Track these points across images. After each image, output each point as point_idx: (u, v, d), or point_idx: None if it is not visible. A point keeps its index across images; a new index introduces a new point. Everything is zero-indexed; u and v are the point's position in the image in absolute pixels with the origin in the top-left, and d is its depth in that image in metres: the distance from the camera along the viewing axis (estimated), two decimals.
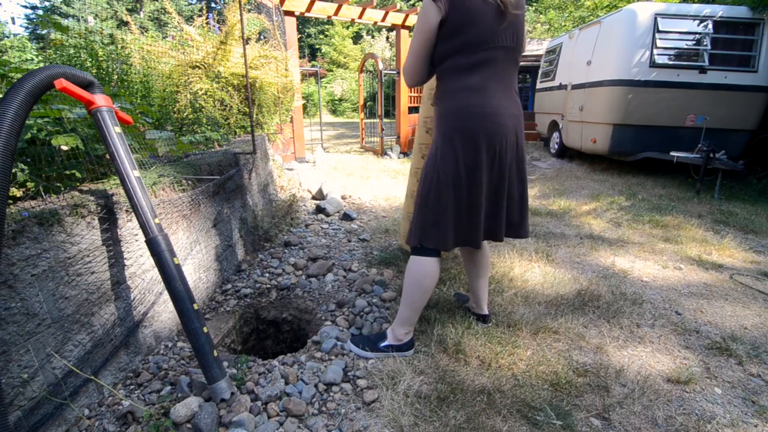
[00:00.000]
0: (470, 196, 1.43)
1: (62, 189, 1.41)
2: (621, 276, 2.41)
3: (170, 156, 2.05)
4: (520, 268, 2.43)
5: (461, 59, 1.36)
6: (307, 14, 5.63)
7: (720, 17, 4.80)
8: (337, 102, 20.24)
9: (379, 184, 4.65)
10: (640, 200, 4.14)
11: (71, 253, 1.29)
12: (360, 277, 2.27)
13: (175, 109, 3.40)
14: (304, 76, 17.13)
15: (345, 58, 22.07)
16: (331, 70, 20.09)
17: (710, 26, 4.79)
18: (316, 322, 1.93)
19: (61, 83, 1.17)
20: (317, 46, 24.59)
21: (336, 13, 5.97)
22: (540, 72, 7.85)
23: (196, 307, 1.33)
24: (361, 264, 2.47)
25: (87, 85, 1.31)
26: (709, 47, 4.80)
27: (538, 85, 7.83)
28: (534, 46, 14.95)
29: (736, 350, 1.74)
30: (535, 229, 3.24)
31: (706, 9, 4.86)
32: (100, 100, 1.31)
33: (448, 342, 1.68)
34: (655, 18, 4.77)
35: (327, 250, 2.66)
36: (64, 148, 1.28)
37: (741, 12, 4.85)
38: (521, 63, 10.08)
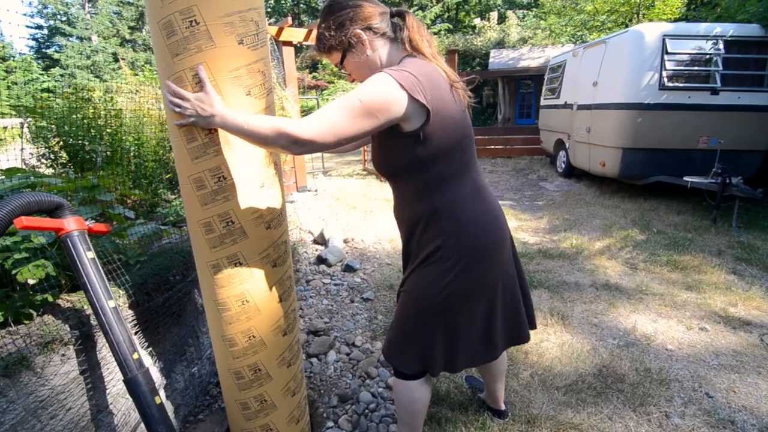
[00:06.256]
0: (492, 307, 1.26)
1: (33, 314, 1.29)
2: (644, 344, 2.25)
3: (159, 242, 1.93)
4: (534, 336, 2.28)
5: (451, 162, 1.13)
6: (306, 43, 5.52)
7: (731, 36, 4.63)
8: None
9: (382, 219, 4.52)
10: (655, 233, 3.97)
11: (43, 397, 1.16)
12: (364, 356, 2.13)
13: (172, 159, 3.30)
14: (305, 89, 16.99)
15: None
16: (333, 82, 19.78)
17: (721, 46, 4.62)
18: (318, 418, 1.79)
19: (22, 222, 1.05)
20: (317, 58, 24.38)
21: None
22: (544, 88, 7.70)
23: None
24: (365, 335, 2.33)
25: (55, 209, 1.19)
26: (720, 68, 4.63)
27: (542, 102, 7.68)
28: (536, 54, 14.81)
29: None
30: (547, 277, 3.08)
31: (717, 28, 4.69)
32: (70, 224, 1.19)
33: None
34: (663, 39, 4.61)
35: (329, 316, 2.53)
36: (31, 281, 1.16)
37: (753, 30, 4.68)
38: (524, 73, 9.90)
